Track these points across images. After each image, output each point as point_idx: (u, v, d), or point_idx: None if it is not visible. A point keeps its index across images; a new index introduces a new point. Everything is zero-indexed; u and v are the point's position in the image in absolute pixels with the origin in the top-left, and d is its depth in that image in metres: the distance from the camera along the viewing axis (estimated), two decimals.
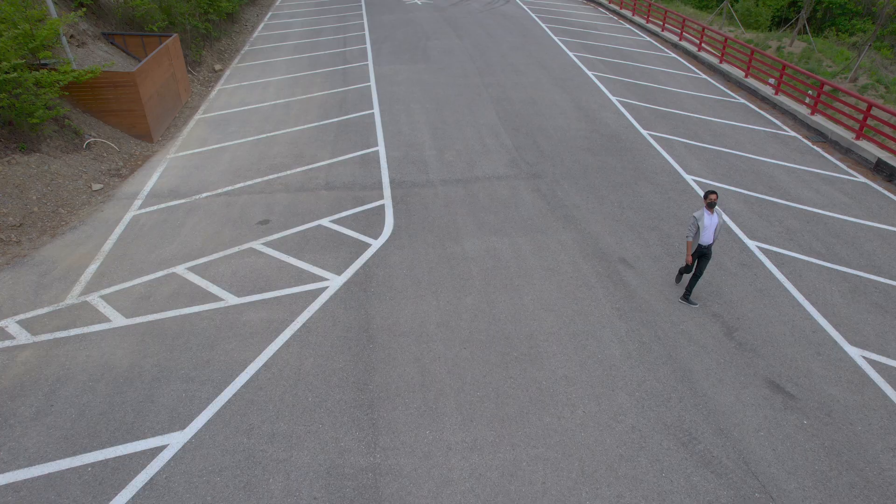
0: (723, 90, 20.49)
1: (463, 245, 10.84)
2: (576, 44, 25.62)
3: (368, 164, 14.12)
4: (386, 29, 28.75)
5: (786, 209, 12.42)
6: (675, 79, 21.40)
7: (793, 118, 17.73)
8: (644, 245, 10.94)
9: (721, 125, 16.96)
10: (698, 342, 8.60)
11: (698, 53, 24.01)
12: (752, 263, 10.51)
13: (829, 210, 12.50)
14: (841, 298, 9.72)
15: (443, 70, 21.60)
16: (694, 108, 18.30)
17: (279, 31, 29.11)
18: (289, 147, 15.18)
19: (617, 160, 14.36)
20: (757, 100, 19.56)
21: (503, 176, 13.47)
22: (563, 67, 21.94)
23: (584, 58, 23.29)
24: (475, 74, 21.03)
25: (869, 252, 11.05)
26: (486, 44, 25.52)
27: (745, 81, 20.55)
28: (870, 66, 30.36)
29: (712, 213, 8.91)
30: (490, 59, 22.97)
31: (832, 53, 32.76)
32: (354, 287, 9.67)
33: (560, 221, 11.66)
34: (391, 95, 18.84)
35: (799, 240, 11.31)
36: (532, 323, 8.89)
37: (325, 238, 11.06)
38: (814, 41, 33.37)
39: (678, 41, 25.90)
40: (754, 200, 12.70)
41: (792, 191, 13.25)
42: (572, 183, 13.18)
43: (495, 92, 19.15)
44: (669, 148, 15.11)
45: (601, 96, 18.81)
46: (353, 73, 21.29)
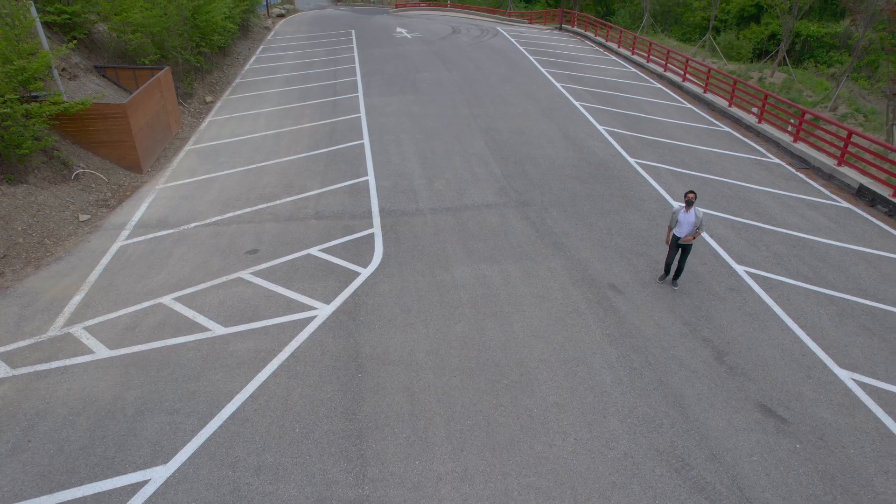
0: (708, 119, 20.86)
1: (452, 273, 10.82)
2: (563, 75, 26.11)
3: (358, 193, 14.17)
4: (376, 62, 29.21)
5: (772, 234, 12.53)
6: (660, 108, 21.79)
7: (776, 146, 18.04)
8: (633, 271, 10.96)
9: (707, 153, 17.22)
10: (689, 367, 8.55)
11: (683, 84, 24.52)
12: (740, 288, 10.54)
13: (814, 235, 12.62)
14: (829, 322, 9.74)
15: (432, 101, 21.89)
16: (680, 136, 18.59)
17: (271, 64, 29.50)
18: (278, 177, 15.22)
19: (605, 188, 14.49)
20: (741, 128, 19.91)
21: (492, 204, 13.54)
22: (551, 98, 22.30)
23: (571, 89, 23.70)
24: (464, 105, 21.32)
25: (855, 275, 11.13)
26: (474, 76, 25.95)
27: (729, 110, 20.96)
28: (848, 96, 31.09)
29: (689, 211, 9.78)
30: (479, 91, 23.33)
31: (812, 84, 33.56)
32: (343, 316, 9.60)
33: (549, 248, 11.69)
34: (381, 126, 19.03)
35: (786, 264, 11.38)
36: (522, 350, 8.82)
37: (314, 267, 11.01)
38: (794, 72, 34.19)
39: (663, 72, 26.46)
40: (741, 226, 12.82)
41: (778, 216, 13.39)
42: (561, 210, 13.26)
43: (484, 122, 19.39)
44: (656, 175, 15.29)
45: (588, 126, 19.09)
46: (344, 105, 21.52)
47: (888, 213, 13.77)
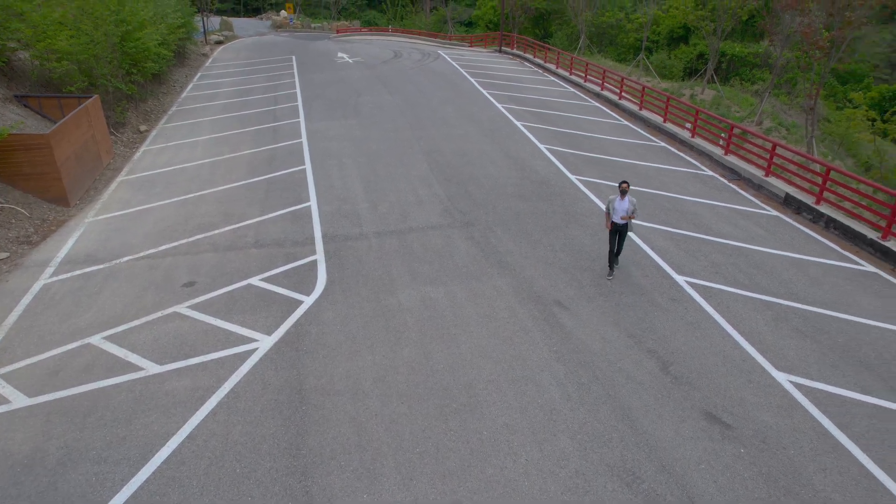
0: (644, 135, 21.55)
1: (398, 297, 10.65)
2: (504, 96, 26.56)
3: (300, 219, 13.87)
4: (317, 87, 29.02)
5: (710, 244, 12.92)
6: (599, 126, 22.38)
7: (709, 159, 18.77)
8: (578, 286, 11.06)
9: (645, 167, 17.73)
10: (636, 379, 8.62)
11: (620, 102, 25.32)
12: (681, 298, 10.78)
13: (748, 243, 13.09)
14: (766, 326, 10.04)
15: (374, 125, 21.83)
16: (619, 152, 19.10)
17: (209, 91, 28.88)
18: (217, 206, 14.77)
19: (548, 205, 14.68)
20: (676, 143, 20.64)
21: (437, 225, 13.49)
22: (493, 119, 22.61)
23: (512, 109, 24.11)
24: (406, 128, 21.35)
25: (786, 280, 11.56)
26: (416, 99, 26.09)
27: (664, 126, 21.72)
28: (771, 111, 32.82)
29: (623, 199, 10.77)
30: (421, 114, 23.43)
31: (738, 100, 35.30)
32: (286, 347, 9.27)
33: (495, 268, 11.69)
34: (323, 151, 18.80)
35: (724, 272, 11.73)
36: (470, 372, 8.71)
37: (254, 297, 10.64)
38: (722, 89, 35.91)
39: (600, 91, 27.28)
40: (680, 237, 13.17)
41: (714, 226, 13.84)
42: (505, 229, 13.33)
43: (427, 144, 19.43)
44: (597, 191, 15.61)
45: (530, 145, 19.40)
46: (284, 130, 21.19)
47: (812, 220, 14.45)
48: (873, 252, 12.91)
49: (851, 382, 8.76)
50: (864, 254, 12.99)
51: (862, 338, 9.85)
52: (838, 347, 9.56)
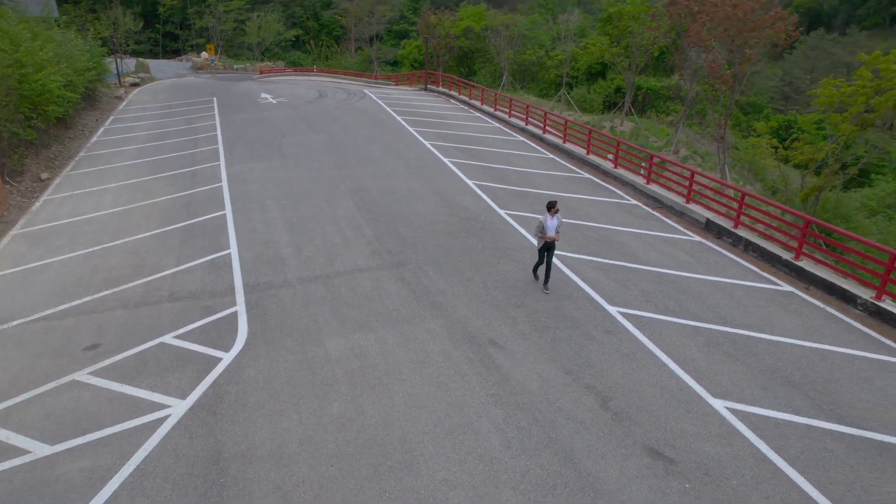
0: (569, 167, 21.99)
1: (326, 347, 10.03)
2: (431, 133, 26.62)
3: (219, 268, 13.04)
4: (239, 128, 28.18)
5: (639, 273, 13.04)
6: (525, 160, 22.69)
7: (632, 188, 19.28)
8: (512, 324, 10.80)
9: (572, 199, 17.96)
10: (576, 418, 8.35)
11: (544, 135, 25.88)
12: (615, 329, 10.71)
13: (675, 269, 13.31)
14: (698, 353, 10.08)
15: (299, 165, 21.25)
16: (545, 185, 19.32)
17: (121, 136, 27.47)
18: (128, 258, 13.72)
19: (478, 241, 14.50)
20: (600, 174, 21.15)
21: (365, 268, 13.00)
22: (420, 156, 22.51)
23: (439, 146, 24.13)
24: (332, 168, 20.89)
25: (713, 305, 11.76)
26: (342, 138, 25.73)
27: (587, 158, 22.27)
28: (686, 140, 34.56)
29: (553, 217, 11.57)
30: (347, 153, 23.06)
31: (655, 130, 37.07)
32: (202, 411, 8.45)
33: (427, 309, 11.28)
34: (245, 194, 18.02)
35: (654, 301, 11.80)
36: (405, 424, 8.18)
37: (167, 357, 9.75)
38: (639, 121, 37.66)
39: (525, 125, 27.84)
40: (610, 267, 13.25)
41: (641, 255, 14.04)
42: (436, 268, 13.00)
43: (353, 183, 19.02)
44: (526, 225, 15.60)
45: (458, 181, 19.34)
46: (203, 175, 20.26)
47: (732, 244, 14.95)
48: (788, 272, 13.40)
49: (783, 404, 8.83)
50: (781, 274, 13.47)
51: (787, 357, 10.03)
52: (767, 369, 9.68)
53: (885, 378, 9.61)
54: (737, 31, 22.97)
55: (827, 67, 72.04)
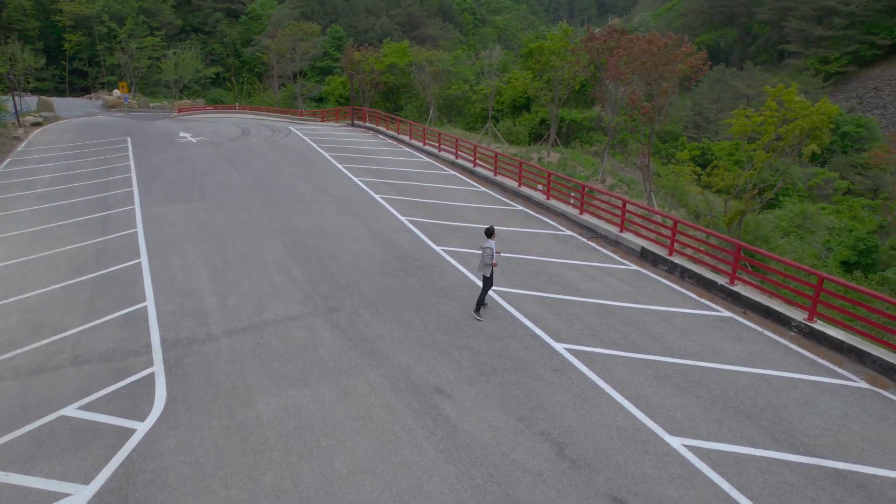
0: (502, 200, 21.93)
1: (256, 407, 9.08)
2: (360, 169, 26.04)
3: (133, 324, 11.80)
4: (156, 168, 26.59)
5: (580, 305, 12.84)
6: (457, 194, 22.47)
7: (566, 218, 19.36)
8: (457, 368, 10.23)
9: (507, 232, 17.77)
10: (532, 470, 7.81)
11: (475, 169, 25.84)
12: (564, 368, 10.33)
13: (616, 300, 13.21)
14: (650, 388, 9.84)
15: (221, 206, 20.08)
16: (479, 218, 19.09)
17: (21, 179, 25.28)
18: (24, 317, 12.22)
19: (416, 280, 13.93)
20: (532, 205, 21.17)
21: (297, 315, 12.12)
22: (350, 193, 21.85)
23: (369, 182, 23.56)
24: (258, 207, 19.86)
25: (658, 335, 11.65)
26: (267, 176, 24.71)
27: (519, 190, 22.30)
28: (611, 169, 35.66)
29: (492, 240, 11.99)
30: (273, 191, 22.08)
31: (581, 160, 38.06)
32: (110, 497, 7.32)
33: (365, 358, 10.54)
34: (163, 239, 16.72)
35: (600, 334, 11.57)
36: (348, 492, 7.37)
37: (68, 434, 8.51)
38: (566, 152, 38.60)
39: (455, 159, 27.77)
40: (551, 301, 12.98)
41: (581, 286, 13.89)
42: (373, 312, 12.29)
43: (281, 223, 18.08)
44: (463, 261, 15.20)
45: (391, 218, 18.78)
46: (117, 220, 18.74)
47: (668, 271, 15.10)
48: (725, 297, 13.60)
49: (738, 437, 8.65)
50: (718, 299, 13.64)
51: (735, 386, 9.96)
52: (718, 400, 9.54)
53: (828, 401, 9.68)
54: (652, 65, 23.98)
55: (730, 98, 77.43)
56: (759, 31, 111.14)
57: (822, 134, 18.50)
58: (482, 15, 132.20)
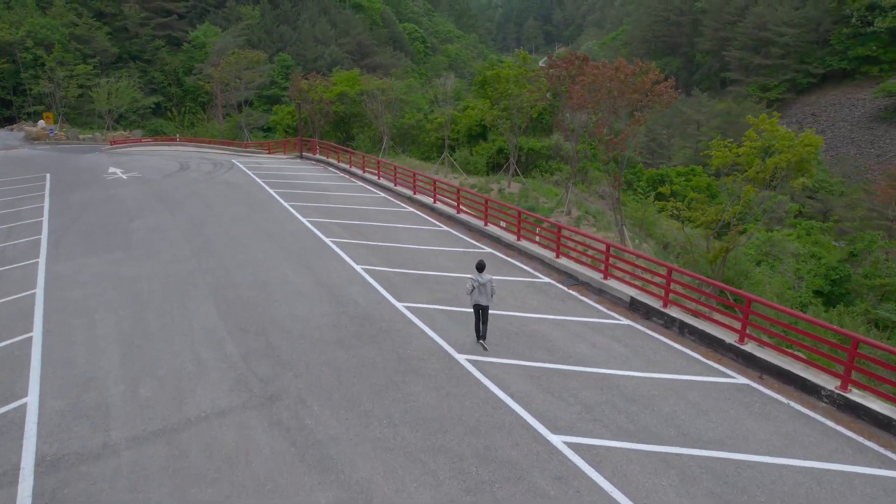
0: (467, 241, 19.88)
1: None
2: (308, 208, 23.60)
3: (2, 433, 9.03)
4: (75, 211, 23.47)
5: (574, 377, 10.77)
6: (418, 235, 20.32)
7: (541, 263, 17.40)
8: (433, 483, 7.93)
9: None
10: None
11: (435, 205, 23.78)
12: (567, 474, 8.17)
13: (614, 367, 11.21)
14: (676, 496, 7.78)
15: (147, 257, 17.30)
16: (446, 265, 16.95)
17: None
18: None
19: (375, 350, 11.60)
20: (502, 247, 19.18)
21: (227, 410, 9.59)
22: (298, 236, 19.39)
23: (319, 223, 21.16)
24: (190, 257, 17.18)
25: (671, 415, 9.67)
26: (204, 218, 21.98)
27: (486, 230, 20.31)
28: (575, 200, 34.28)
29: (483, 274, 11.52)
30: (209, 236, 19.41)
31: (543, 191, 36.59)
32: None
33: (314, 472, 8.12)
34: (67, 304, 13.88)
35: (602, 418, 9.49)
36: None
37: None
38: (526, 182, 37.12)
39: (413, 195, 25.67)
40: (539, 373, 10.87)
41: (571, 350, 11.86)
42: (324, 400, 9.88)
43: (216, 277, 15.48)
44: (430, 321, 12.99)
45: (344, 267, 16.43)
46: (11, 279, 15.73)
47: (665, 325, 13.26)
48: (735, 358, 11.79)
49: None
50: (727, 360, 11.82)
51: (782, 490, 8.00)
52: None
53: None
54: (619, 93, 22.65)
55: (680, 124, 78.71)
56: (701, 59, 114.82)
57: (809, 166, 17.33)
58: (433, 44, 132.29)
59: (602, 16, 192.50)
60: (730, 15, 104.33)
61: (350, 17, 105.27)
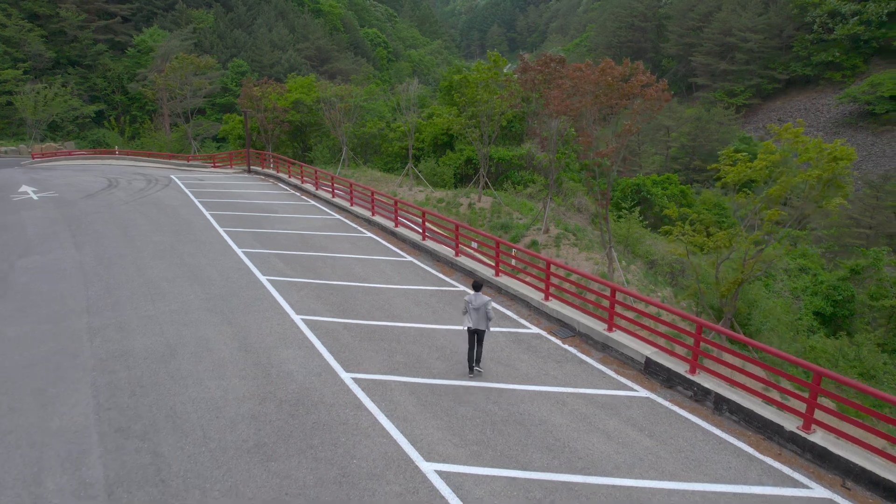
0: (435, 275, 16.59)
1: None
2: (249, 236, 19.98)
3: None
4: None
5: (590, 496, 7.55)
6: (376, 268, 16.93)
7: (526, 306, 14.22)
8: None
9: (449, 335, 12.39)
10: None
11: (396, 230, 20.43)
12: None
13: (640, 475, 8.04)
14: None
15: (24, 311, 13.49)
16: (410, 311, 13.63)
17: None
18: None
19: (308, 463, 8.18)
20: None
21: None
22: (228, 275, 15.80)
23: (259, 256, 17.59)
24: (81, 312, 13.43)
25: None
26: (118, 251, 18.15)
27: (457, 261, 17.04)
28: (552, 215, 31.32)
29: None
30: (116, 279, 15.64)
31: (517, 205, 33.57)
32: None
33: None
34: None
35: None
36: None
37: None
38: (498, 195, 34.05)
39: (371, 216, 22.26)
40: (540, 491, 7.61)
41: (579, 446, 8.65)
42: None
43: (107, 343, 11.82)
44: (389, 404, 9.64)
45: (281, 319, 12.95)
46: None
47: (694, 398, 10.17)
48: (801, 452, 8.75)
49: None
50: (790, 456, 8.77)
51: None
52: None
53: None
54: (606, 98, 19.78)
55: (651, 130, 77.15)
56: (667, 64, 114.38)
57: (842, 184, 14.64)
58: (396, 49, 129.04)
59: (565, 22, 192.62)
60: (694, 21, 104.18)
61: (309, 21, 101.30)
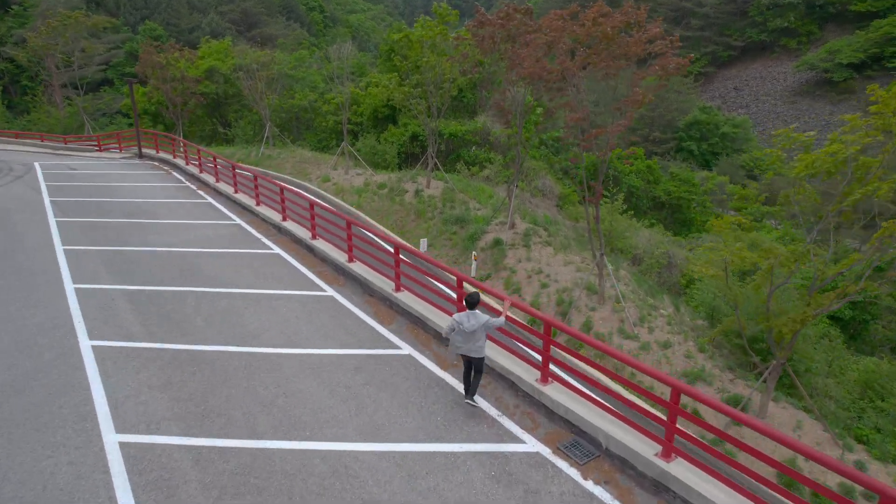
0: (374, 328, 11.03)
1: None
2: (100, 257, 13.79)
3: None
4: None
5: None
6: (280, 315, 11.21)
7: (514, 392, 8.83)
8: None
9: (392, 456, 6.96)
10: None
11: (313, 243, 14.63)
12: None
13: None
14: None
15: None
16: (320, 409, 8.10)
17: None
18: None
19: None
20: (435, 338, 10.50)
21: None
22: (31, 339, 9.77)
23: (100, 295, 11.55)
24: None
25: None
26: None
27: (397, 298, 11.49)
28: (517, 204, 26.02)
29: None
30: None
31: (473, 191, 28.11)
32: None
33: None
34: None
35: None
36: None
37: None
38: (450, 179, 28.49)
39: (282, 221, 16.35)
40: None
41: None
42: None
43: None
44: None
45: (90, 450, 7.18)
46: None
47: None
48: None
49: None
50: None
51: None
52: None
53: None
54: (601, 58, 14.50)
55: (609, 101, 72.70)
56: None
57: None
58: (334, 14, 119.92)
59: None
60: None
61: None
